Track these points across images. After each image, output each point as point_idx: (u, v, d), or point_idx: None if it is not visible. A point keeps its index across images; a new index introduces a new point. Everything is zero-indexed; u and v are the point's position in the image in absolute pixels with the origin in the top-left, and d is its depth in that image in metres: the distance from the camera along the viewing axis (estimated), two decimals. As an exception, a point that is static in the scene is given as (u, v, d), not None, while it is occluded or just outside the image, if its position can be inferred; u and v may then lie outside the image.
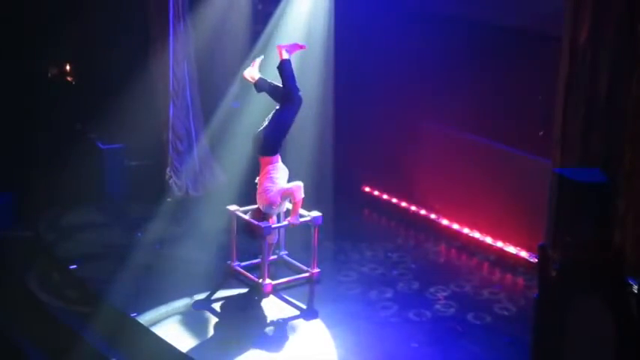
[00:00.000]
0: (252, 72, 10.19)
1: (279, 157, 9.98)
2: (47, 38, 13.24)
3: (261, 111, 12.31)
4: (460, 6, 11.36)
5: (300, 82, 10.09)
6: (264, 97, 10.32)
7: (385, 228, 12.34)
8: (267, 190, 9.79)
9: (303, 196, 9.74)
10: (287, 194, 9.76)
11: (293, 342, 9.08)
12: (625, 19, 7.67)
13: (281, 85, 9.97)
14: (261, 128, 9.91)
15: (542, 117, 10.15)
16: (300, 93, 9.96)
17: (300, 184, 9.77)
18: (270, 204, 9.81)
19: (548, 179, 8.27)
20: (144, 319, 9.39)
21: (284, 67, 9.87)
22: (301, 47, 10.19)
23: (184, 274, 10.45)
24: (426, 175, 12.27)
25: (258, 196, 9.90)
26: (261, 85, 10.10)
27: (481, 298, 10.07)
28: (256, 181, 9.98)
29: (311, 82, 12.84)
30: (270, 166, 9.88)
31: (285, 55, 9.92)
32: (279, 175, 9.87)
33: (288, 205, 10.09)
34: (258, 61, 10.24)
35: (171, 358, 8.88)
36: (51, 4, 13.08)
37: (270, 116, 9.92)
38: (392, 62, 12.45)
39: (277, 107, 9.94)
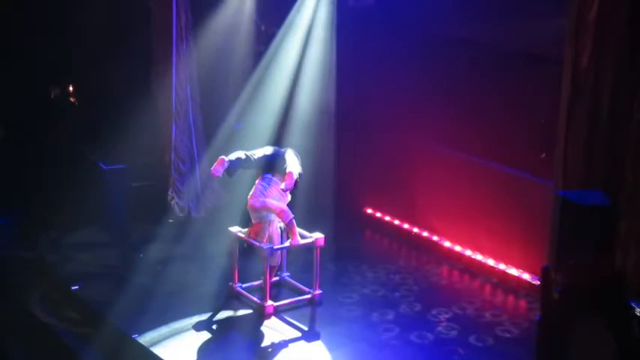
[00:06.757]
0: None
1: (266, 175, 10.13)
2: (50, 60, 13.30)
3: (262, 133, 12.41)
4: (464, 29, 11.40)
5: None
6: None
7: (387, 250, 12.33)
8: (251, 195, 10.02)
9: (291, 217, 9.85)
10: (268, 208, 9.89)
11: (294, 364, 9.07)
12: (626, 44, 7.71)
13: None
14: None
15: (544, 139, 10.17)
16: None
17: (282, 206, 9.91)
18: (251, 207, 9.99)
19: (551, 201, 8.30)
20: (145, 339, 9.36)
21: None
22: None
23: (186, 295, 10.44)
24: (428, 197, 12.27)
25: None
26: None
27: (483, 320, 10.04)
28: None
29: (313, 104, 12.91)
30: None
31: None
32: (264, 184, 10.05)
33: (281, 224, 10.16)
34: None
35: (172, 380, 8.89)
36: (54, 25, 13.14)
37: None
38: (394, 84, 12.47)
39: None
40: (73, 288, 10.67)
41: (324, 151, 12.96)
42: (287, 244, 10.13)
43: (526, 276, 10.84)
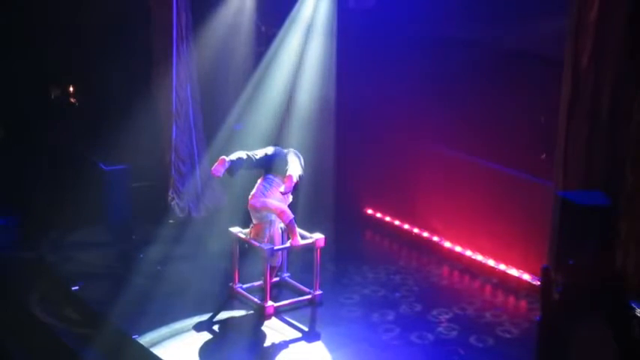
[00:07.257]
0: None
1: (268, 176, 10.12)
2: (50, 60, 13.29)
3: (262, 133, 12.38)
4: (463, 29, 11.40)
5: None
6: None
7: (387, 250, 12.33)
8: (252, 196, 10.01)
9: (291, 218, 9.85)
10: (268, 209, 9.91)
11: (294, 364, 9.07)
12: (626, 44, 7.71)
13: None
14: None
15: (544, 140, 10.16)
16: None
17: (283, 207, 9.90)
18: (251, 207, 9.99)
19: (551, 202, 8.29)
20: (145, 340, 9.36)
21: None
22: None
23: (186, 295, 10.43)
24: (428, 197, 12.27)
25: None
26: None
27: (484, 320, 10.04)
28: None
29: (313, 105, 12.90)
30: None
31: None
32: (265, 184, 10.05)
33: (281, 224, 10.15)
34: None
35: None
36: (54, 25, 13.13)
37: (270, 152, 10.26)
38: (394, 85, 12.47)
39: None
40: (73, 288, 10.66)
41: (324, 150, 12.95)
42: (287, 244, 10.12)
43: (526, 276, 10.84)
